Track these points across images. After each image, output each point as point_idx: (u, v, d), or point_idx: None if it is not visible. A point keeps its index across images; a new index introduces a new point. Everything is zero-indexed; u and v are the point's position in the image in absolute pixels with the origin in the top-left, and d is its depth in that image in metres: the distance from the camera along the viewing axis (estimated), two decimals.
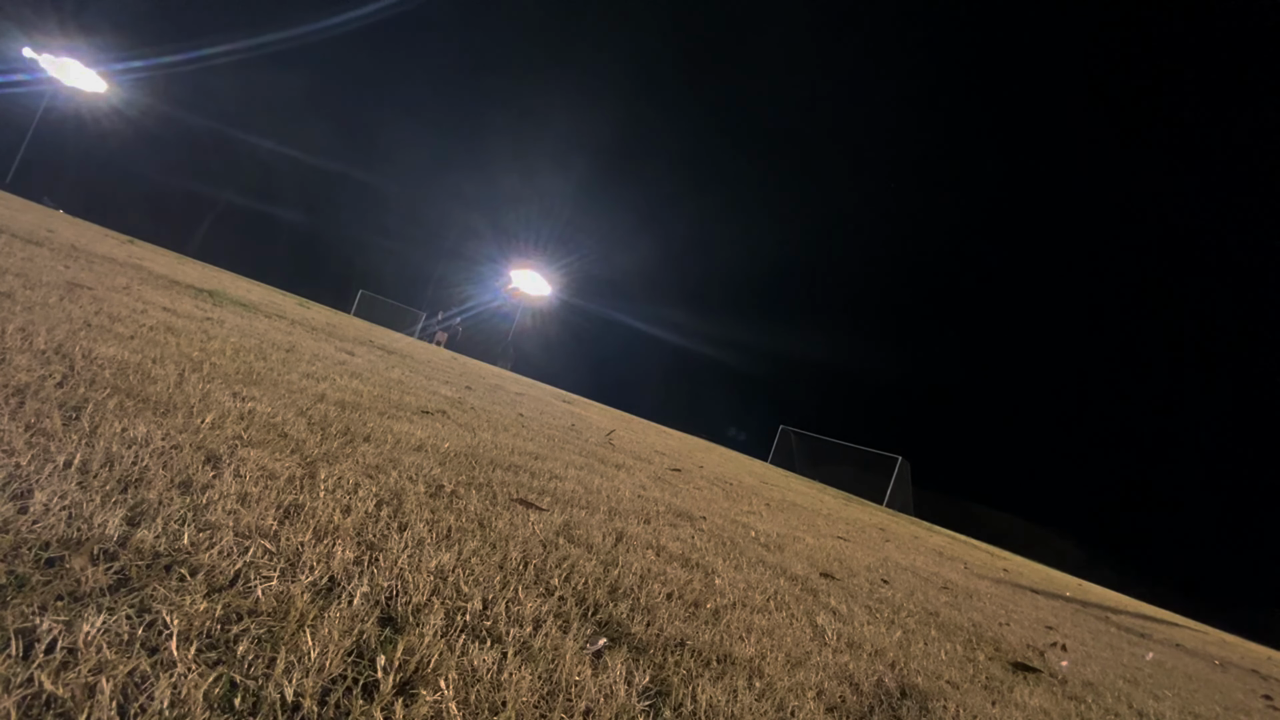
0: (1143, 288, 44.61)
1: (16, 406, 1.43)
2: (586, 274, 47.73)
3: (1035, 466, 44.57)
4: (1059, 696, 2.20)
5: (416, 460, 2.23)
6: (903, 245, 50.41)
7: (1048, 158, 47.34)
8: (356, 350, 6.22)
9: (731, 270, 53.55)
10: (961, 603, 3.67)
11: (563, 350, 47.18)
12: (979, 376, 47.75)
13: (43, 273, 3.75)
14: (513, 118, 53.47)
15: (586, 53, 50.24)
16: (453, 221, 50.81)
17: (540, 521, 2.01)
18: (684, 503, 3.59)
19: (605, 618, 1.40)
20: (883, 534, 7.22)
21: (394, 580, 1.21)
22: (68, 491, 1.11)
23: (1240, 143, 39.02)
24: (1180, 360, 42.05)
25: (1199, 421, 41.56)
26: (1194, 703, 3.07)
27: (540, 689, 1.01)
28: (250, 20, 40.60)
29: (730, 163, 54.60)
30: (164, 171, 43.21)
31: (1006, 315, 48.44)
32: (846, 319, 51.66)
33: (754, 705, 1.22)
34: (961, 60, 46.19)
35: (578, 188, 50.24)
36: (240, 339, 3.83)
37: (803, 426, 34.13)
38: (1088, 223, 46.68)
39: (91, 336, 2.40)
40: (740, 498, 5.17)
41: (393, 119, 50.53)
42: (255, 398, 2.31)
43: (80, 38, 36.73)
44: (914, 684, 1.71)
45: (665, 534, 2.50)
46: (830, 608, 2.28)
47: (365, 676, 0.89)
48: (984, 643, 2.66)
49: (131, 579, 0.92)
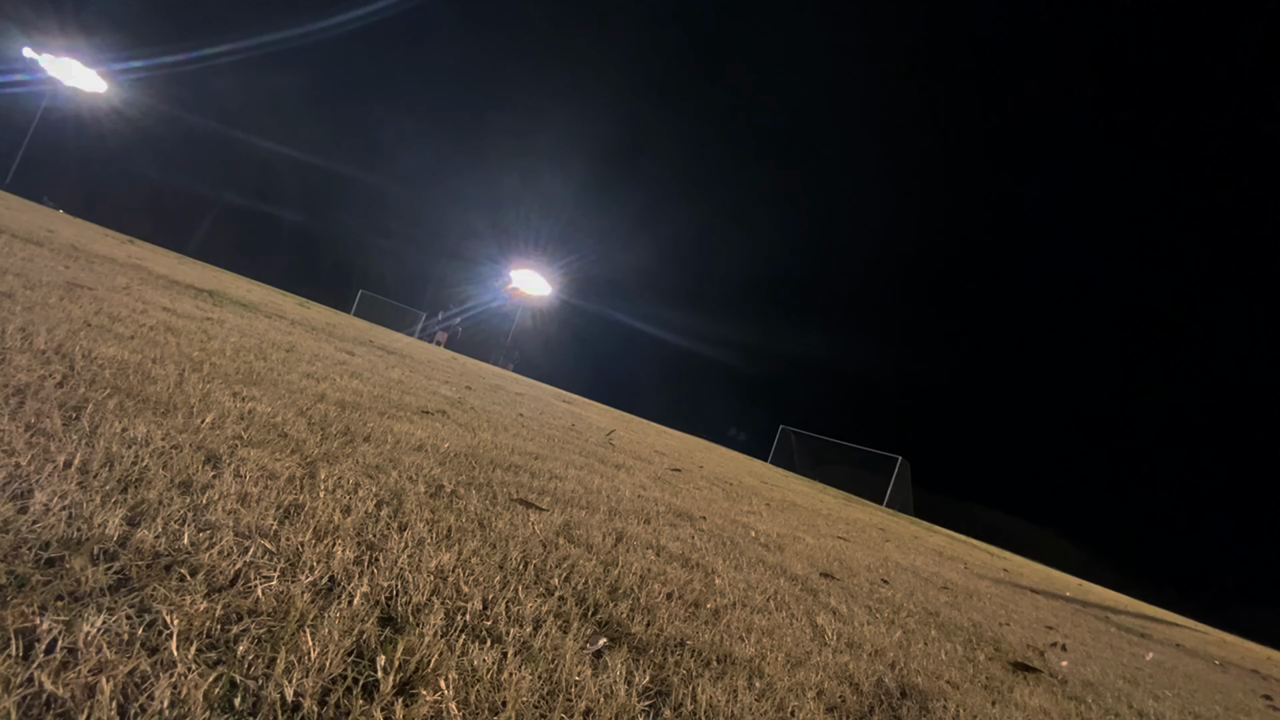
0: (1143, 288, 44.59)
1: (16, 406, 1.43)
2: (586, 274, 47.77)
3: (1035, 466, 44.59)
4: (1059, 696, 2.19)
5: (416, 460, 2.23)
6: (902, 246, 50.43)
7: (1048, 158, 47.32)
8: (356, 350, 6.22)
9: (731, 270, 53.62)
10: (961, 603, 3.67)
11: (563, 350, 47.22)
12: (979, 376, 47.76)
13: (43, 273, 3.75)
14: (513, 118, 53.50)
15: (586, 53, 50.26)
16: (453, 221, 50.87)
17: (540, 521, 2.01)
18: (684, 503, 3.59)
19: (605, 618, 1.40)
20: (883, 534, 7.21)
21: (394, 580, 1.21)
22: (68, 491, 1.11)
23: (1240, 142, 39.00)
24: (1180, 360, 42.03)
25: (1199, 422, 41.54)
26: (1194, 703, 3.07)
27: (540, 689, 1.01)
28: (250, 20, 40.62)
29: (730, 163, 54.65)
30: (164, 171, 43.27)
31: (1006, 316, 48.45)
32: (846, 319, 51.72)
33: (754, 705, 1.22)
34: (961, 62, 46.17)
35: (578, 188, 50.30)
36: (240, 339, 3.82)
37: (803, 426, 34.18)
38: (1088, 223, 46.66)
39: (91, 336, 2.40)
40: (740, 498, 5.17)
41: (393, 119, 50.57)
42: (255, 398, 2.31)
43: (80, 38, 36.77)
44: (914, 684, 1.71)
45: (665, 534, 2.50)
46: (830, 608, 2.28)
47: (365, 676, 0.89)
48: (984, 643, 2.66)
49: (131, 579, 0.92)
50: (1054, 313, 48.06)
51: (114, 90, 39.27)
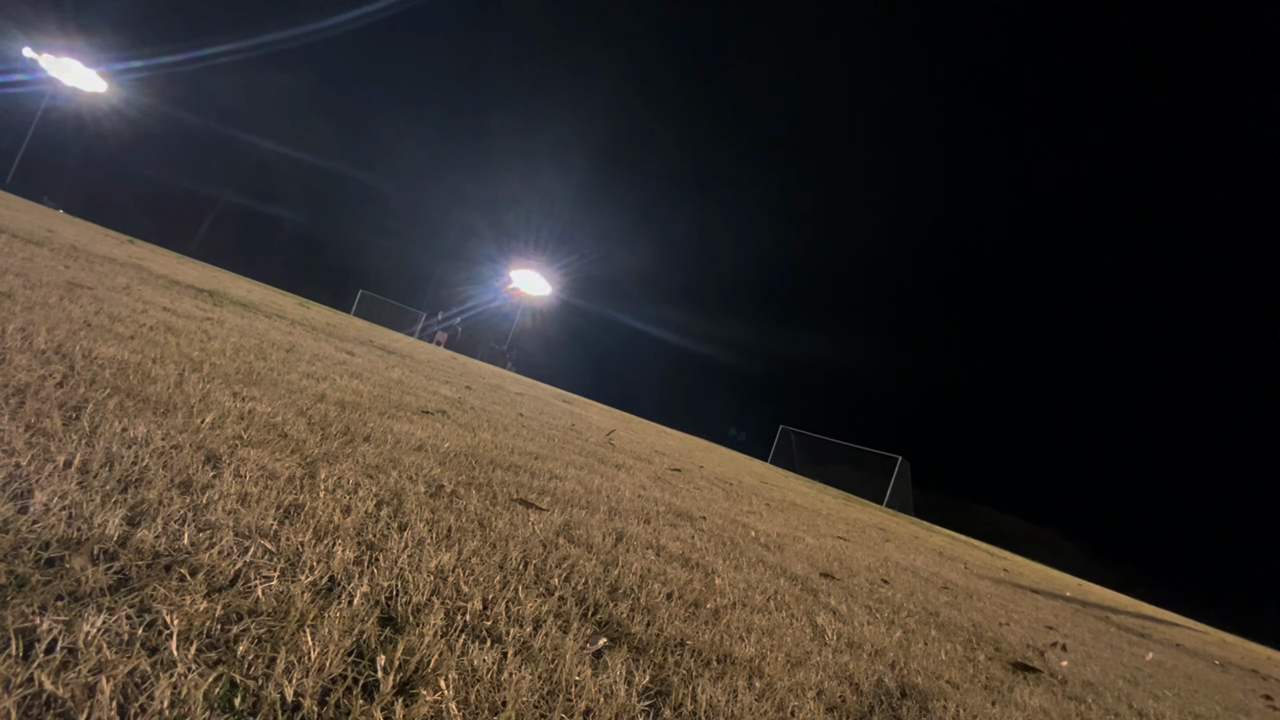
0: (1143, 289, 44.59)
1: (16, 406, 1.43)
2: (586, 274, 47.80)
3: (1036, 466, 44.60)
4: (1059, 696, 2.19)
5: (416, 460, 2.23)
6: (902, 245, 50.45)
7: (1048, 158, 47.33)
8: (356, 350, 6.22)
9: (731, 270, 53.64)
10: (961, 603, 3.67)
11: (563, 350, 47.23)
12: (979, 376, 47.77)
13: (43, 273, 3.75)
14: (513, 118, 53.51)
15: (586, 53, 50.28)
16: (453, 221, 50.89)
17: (540, 521, 2.01)
18: (684, 503, 3.59)
19: (605, 618, 1.40)
20: (883, 534, 7.21)
21: (394, 580, 1.21)
22: (68, 491, 1.11)
23: (1242, 141, 39.00)
24: (1180, 361, 42.04)
25: (1199, 422, 41.55)
26: (1194, 703, 3.07)
27: (540, 689, 1.01)
28: (250, 20, 40.63)
29: (730, 163, 54.67)
30: (164, 171, 43.29)
31: (1006, 316, 48.46)
32: (846, 319, 51.74)
33: (754, 705, 1.22)
34: (961, 62, 46.17)
35: (578, 188, 50.32)
36: (240, 339, 3.82)
37: (803, 426, 34.16)
38: (1088, 223, 46.66)
39: (91, 336, 2.40)
40: (740, 498, 5.17)
41: (393, 119, 50.59)
42: (255, 398, 2.31)
43: (80, 38, 36.76)
44: (914, 684, 1.71)
45: (665, 534, 2.50)
46: (830, 608, 2.28)
47: (365, 676, 0.89)
48: (984, 643, 2.66)
49: (131, 579, 0.92)
50: (1054, 313, 48.10)
51: (114, 90, 39.27)
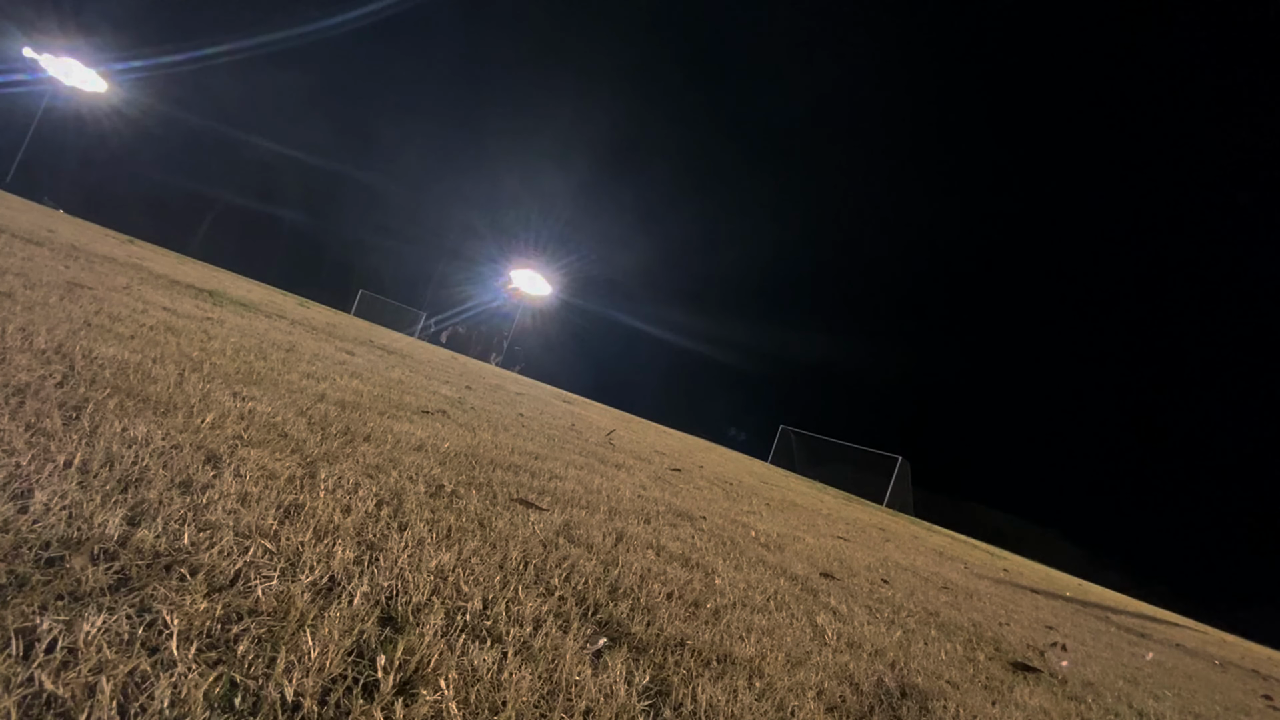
0: (1143, 288, 44.62)
1: (16, 406, 1.43)
2: (586, 274, 47.82)
3: (1036, 466, 44.60)
4: (1059, 696, 2.19)
5: (416, 460, 2.23)
6: (903, 245, 50.47)
7: (1047, 158, 47.35)
8: (356, 350, 6.22)
9: (731, 270, 53.65)
10: (961, 603, 3.67)
11: (563, 350, 47.25)
12: (979, 376, 47.77)
13: (43, 272, 3.75)
14: (513, 118, 53.53)
15: (586, 53, 50.32)
16: (453, 221, 50.91)
17: (540, 521, 2.01)
18: (684, 503, 3.59)
19: (605, 617, 1.40)
20: (883, 534, 7.21)
21: (394, 580, 1.21)
22: (68, 491, 1.11)
23: (1241, 144, 39.01)
24: (1180, 361, 42.06)
25: (1199, 422, 41.57)
26: (1194, 703, 3.07)
27: (540, 689, 1.01)
28: (250, 20, 40.63)
29: (730, 163, 54.69)
30: (164, 171, 43.30)
31: (1006, 315, 48.46)
32: (846, 319, 51.74)
33: (754, 705, 1.22)
34: (961, 63, 46.19)
35: (578, 188, 50.32)
36: (240, 339, 3.82)
37: (803, 426, 34.15)
38: (1088, 223, 46.69)
39: (91, 336, 2.40)
40: (740, 498, 5.17)
41: (393, 119, 50.59)
42: (255, 397, 2.31)
43: (80, 38, 36.77)
44: (914, 684, 1.71)
45: (665, 534, 2.50)
46: (830, 608, 2.28)
47: (365, 676, 0.89)
48: (984, 643, 2.66)
49: (131, 579, 0.92)
50: (1054, 313, 48.09)
51: (114, 90, 39.28)
